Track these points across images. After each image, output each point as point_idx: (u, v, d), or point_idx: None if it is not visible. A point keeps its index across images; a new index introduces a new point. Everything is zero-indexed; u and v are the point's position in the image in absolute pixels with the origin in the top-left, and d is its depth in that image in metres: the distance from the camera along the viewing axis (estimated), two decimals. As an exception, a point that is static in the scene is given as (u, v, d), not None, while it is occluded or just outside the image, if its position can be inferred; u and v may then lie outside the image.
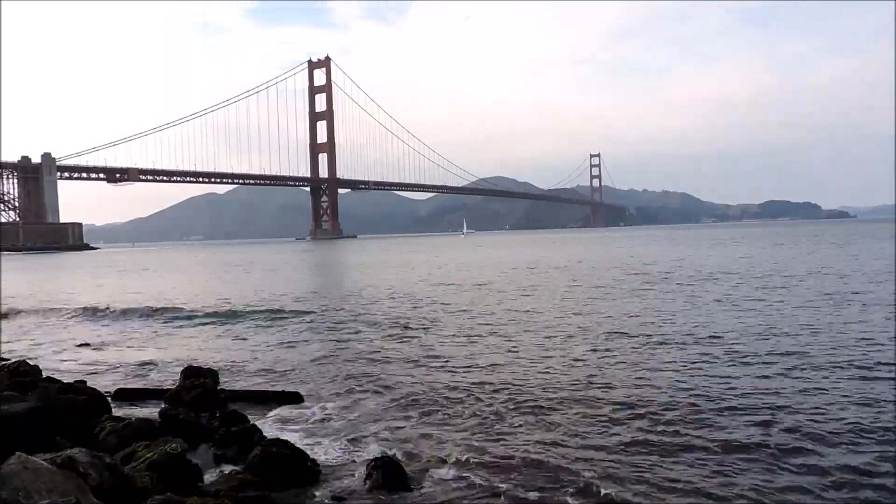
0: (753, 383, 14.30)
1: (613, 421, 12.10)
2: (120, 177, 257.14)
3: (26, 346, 23.27)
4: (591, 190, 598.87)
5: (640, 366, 16.55)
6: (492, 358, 18.26)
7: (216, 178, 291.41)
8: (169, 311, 33.05)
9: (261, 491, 8.45)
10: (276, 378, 16.85)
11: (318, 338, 23.34)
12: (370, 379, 16.22)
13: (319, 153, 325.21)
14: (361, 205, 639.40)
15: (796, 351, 17.43)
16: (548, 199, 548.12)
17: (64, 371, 18.18)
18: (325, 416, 13.17)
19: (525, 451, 10.72)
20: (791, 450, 10.29)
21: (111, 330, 26.91)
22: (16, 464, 7.10)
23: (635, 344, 19.50)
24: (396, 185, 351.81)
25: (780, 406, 12.51)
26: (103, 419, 11.55)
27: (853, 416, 11.78)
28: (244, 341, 22.87)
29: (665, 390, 13.99)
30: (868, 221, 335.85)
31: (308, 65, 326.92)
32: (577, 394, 14.07)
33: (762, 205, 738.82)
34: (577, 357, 17.92)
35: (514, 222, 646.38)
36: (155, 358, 20.30)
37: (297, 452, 10.11)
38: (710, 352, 17.79)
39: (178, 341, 23.39)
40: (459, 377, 16.03)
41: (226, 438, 10.98)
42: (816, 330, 20.56)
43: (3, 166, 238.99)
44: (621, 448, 10.69)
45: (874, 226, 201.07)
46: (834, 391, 13.44)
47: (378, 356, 19.14)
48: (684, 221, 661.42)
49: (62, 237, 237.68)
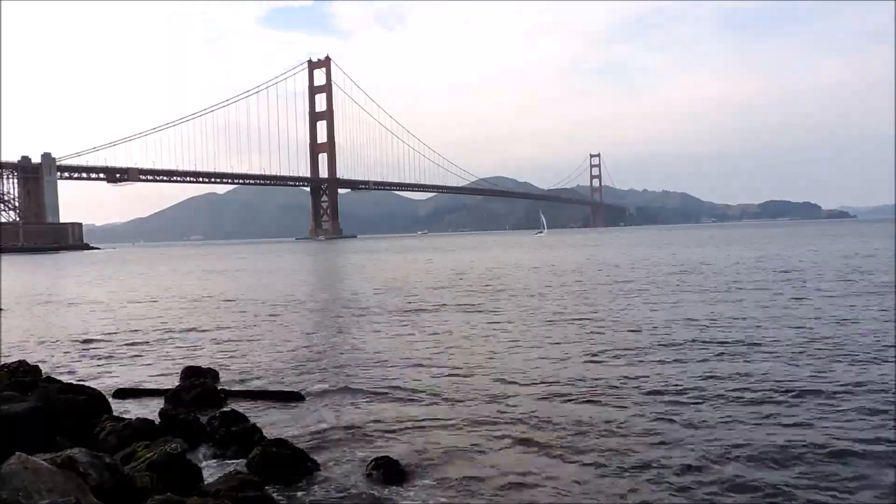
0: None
1: (618, 421, 12.10)
2: (120, 177, 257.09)
3: (26, 345, 23.26)
4: (591, 190, 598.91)
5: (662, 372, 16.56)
6: (494, 359, 18.27)
7: (216, 178, 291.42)
8: (170, 312, 33.06)
9: (261, 491, 8.45)
10: (276, 377, 16.84)
11: (318, 338, 23.33)
12: (370, 379, 16.21)
13: (319, 153, 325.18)
14: (361, 205, 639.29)
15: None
16: (548, 199, 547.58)
17: (64, 371, 18.18)
18: (326, 416, 13.15)
19: (525, 450, 10.73)
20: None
21: (111, 330, 26.89)
22: (16, 464, 7.10)
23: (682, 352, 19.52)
24: (396, 185, 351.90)
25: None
26: (103, 419, 11.55)
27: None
28: (244, 341, 22.85)
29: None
30: (868, 221, 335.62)
31: (308, 65, 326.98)
32: (580, 395, 14.09)
33: (762, 205, 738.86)
34: (592, 358, 17.95)
35: (514, 222, 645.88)
36: (155, 358, 20.30)
37: (298, 452, 10.11)
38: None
39: (178, 341, 23.38)
40: (460, 377, 16.03)
41: (226, 438, 10.97)
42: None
43: (3, 166, 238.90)
44: (628, 450, 10.68)
45: (874, 226, 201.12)
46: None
47: (379, 357, 19.12)
48: (684, 221, 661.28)
49: (62, 237, 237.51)
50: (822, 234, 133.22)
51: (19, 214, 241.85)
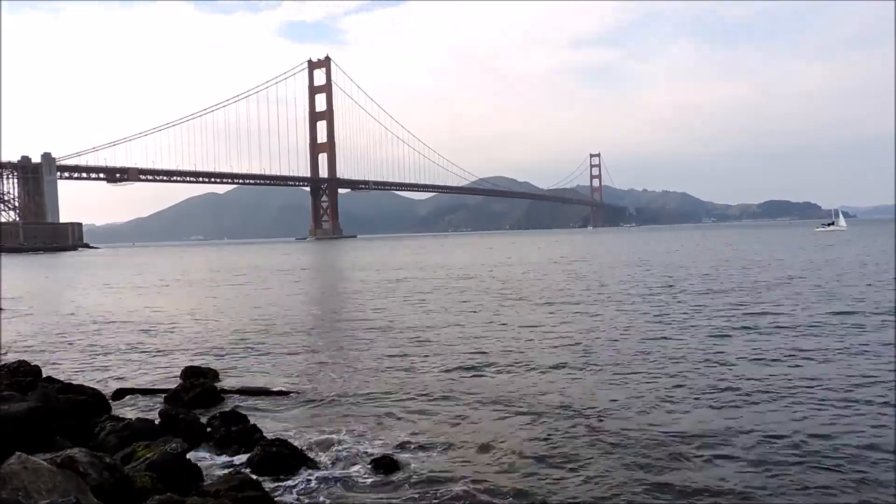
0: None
1: (614, 430, 12.11)
2: (120, 177, 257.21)
3: (26, 345, 23.27)
4: (591, 190, 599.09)
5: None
6: (495, 360, 18.28)
7: (216, 178, 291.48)
8: (170, 311, 33.06)
9: (261, 491, 8.46)
10: (276, 377, 16.84)
11: (318, 338, 23.32)
12: (370, 379, 16.21)
13: (319, 153, 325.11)
14: (361, 205, 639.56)
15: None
16: (548, 199, 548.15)
17: (64, 371, 18.18)
18: (325, 415, 13.16)
19: (526, 451, 10.72)
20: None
21: (111, 330, 26.89)
22: (16, 464, 7.10)
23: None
24: (396, 185, 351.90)
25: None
26: (103, 419, 11.56)
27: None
28: (244, 341, 22.84)
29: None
30: (868, 221, 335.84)
31: (308, 65, 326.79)
32: (583, 395, 14.10)
33: (762, 205, 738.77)
34: (594, 363, 17.96)
35: (514, 222, 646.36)
36: (155, 358, 20.30)
37: (297, 452, 10.12)
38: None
39: (178, 341, 23.37)
40: (463, 379, 16.03)
41: (226, 438, 10.98)
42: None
43: (3, 166, 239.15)
44: (619, 453, 10.69)
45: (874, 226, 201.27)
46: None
47: (379, 357, 19.13)
48: (684, 221, 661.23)
49: (62, 237, 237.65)
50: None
51: (19, 214, 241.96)
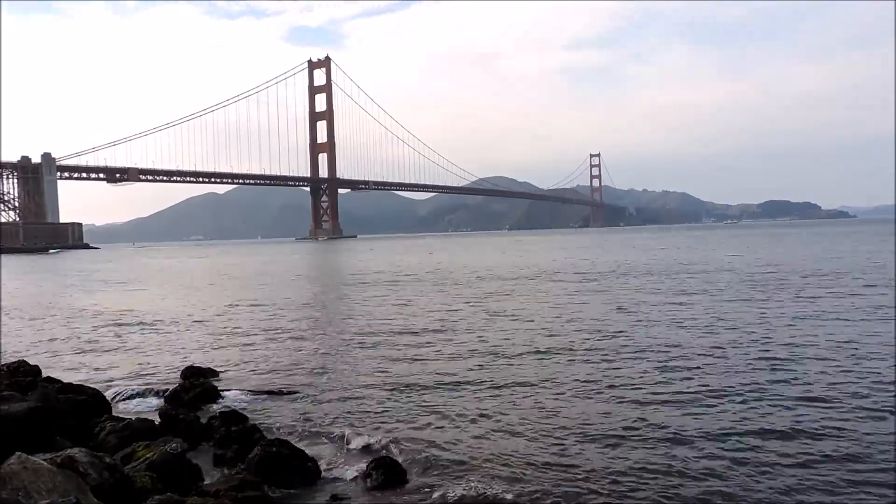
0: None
1: (622, 431, 12.11)
2: (120, 177, 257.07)
3: (26, 346, 23.27)
4: (591, 190, 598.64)
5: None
6: (495, 360, 18.27)
7: (216, 178, 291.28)
8: (170, 312, 33.05)
9: (261, 491, 8.46)
10: (275, 377, 16.84)
11: (318, 338, 23.31)
12: (371, 379, 16.21)
13: (319, 153, 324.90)
14: (361, 205, 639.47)
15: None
16: (548, 199, 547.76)
17: (64, 371, 18.17)
18: (325, 416, 13.15)
19: (525, 450, 10.72)
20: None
21: (111, 330, 26.89)
22: (16, 464, 7.10)
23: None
24: (396, 185, 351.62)
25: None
26: (103, 419, 11.56)
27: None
28: (244, 342, 22.84)
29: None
30: (868, 221, 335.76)
31: (308, 65, 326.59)
32: (584, 395, 14.10)
33: (762, 205, 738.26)
34: (593, 359, 17.96)
35: (514, 222, 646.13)
36: (155, 358, 20.30)
37: (297, 452, 10.11)
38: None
39: (178, 342, 23.38)
40: (461, 378, 16.01)
41: (226, 438, 10.97)
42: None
43: (3, 166, 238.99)
44: (631, 455, 10.68)
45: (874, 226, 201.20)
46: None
47: (379, 357, 19.13)
48: (684, 221, 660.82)
49: (62, 237, 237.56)
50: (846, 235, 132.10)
51: (19, 214, 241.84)
